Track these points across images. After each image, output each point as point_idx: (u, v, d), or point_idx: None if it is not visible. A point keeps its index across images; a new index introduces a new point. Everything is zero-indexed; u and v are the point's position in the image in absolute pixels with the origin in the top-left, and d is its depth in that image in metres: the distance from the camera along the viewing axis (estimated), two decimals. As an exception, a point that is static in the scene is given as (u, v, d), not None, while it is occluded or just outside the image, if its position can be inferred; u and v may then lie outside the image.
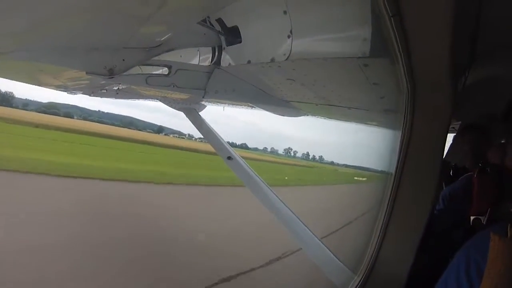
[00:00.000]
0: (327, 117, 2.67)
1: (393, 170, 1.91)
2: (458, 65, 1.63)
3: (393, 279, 1.86)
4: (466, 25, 1.46)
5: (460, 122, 3.26)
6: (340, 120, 2.69)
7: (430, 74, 1.58)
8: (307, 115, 2.75)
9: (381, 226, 1.91)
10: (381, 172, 2.19)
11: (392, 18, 1.27)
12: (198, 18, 1.91)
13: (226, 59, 2.17)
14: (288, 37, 1.77)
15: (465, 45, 1.79)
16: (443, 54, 1.44)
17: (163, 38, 1.82)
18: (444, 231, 2.53)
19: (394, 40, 1.43)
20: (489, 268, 0.93)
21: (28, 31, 1.54)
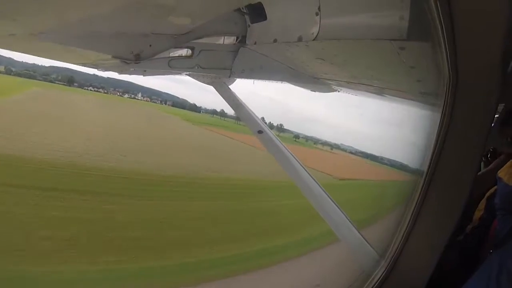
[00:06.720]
0: (358, 95, 2.51)
1: (428, 158, 1.78)
2: (507, 49, 1.41)
3: (418, 272, 1.81)
4: None
5: (504, 104, 2.92)
6: (371, 98, 2.51)
7: (477, 59, 1.39)
8: (338, 91, 2.61)
9: (411, 216, 1.83)
10: (414, 161, 2.06)
11: None
12: (230, 8, 1.82)
13: (251, 37, 2.06)
14: (316, 14, 1.64)
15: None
16: (493, 36, 1.25)
17: (192, 26, 1.77)
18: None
19: (437, 19, 1.26)
20: None
21: (61, 14, 1.57)
